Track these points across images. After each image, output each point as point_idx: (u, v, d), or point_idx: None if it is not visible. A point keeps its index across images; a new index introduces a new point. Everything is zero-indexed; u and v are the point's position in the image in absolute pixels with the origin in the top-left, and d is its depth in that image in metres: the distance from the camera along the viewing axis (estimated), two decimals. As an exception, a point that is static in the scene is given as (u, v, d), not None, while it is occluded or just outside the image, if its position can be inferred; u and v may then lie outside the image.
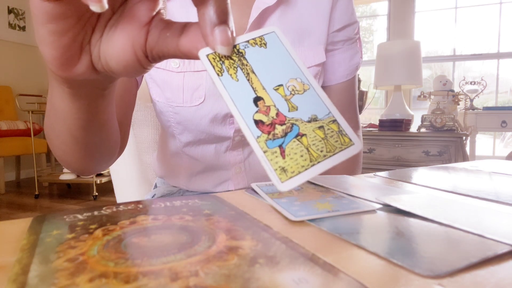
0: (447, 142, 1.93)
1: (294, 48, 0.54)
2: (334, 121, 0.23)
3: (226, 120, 0.53)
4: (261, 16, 0.52)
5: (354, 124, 0.64)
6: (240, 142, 0.56)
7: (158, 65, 0.50)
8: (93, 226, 0.24)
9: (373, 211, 0.28)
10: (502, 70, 3.35)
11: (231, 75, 0.23)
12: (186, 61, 0.50)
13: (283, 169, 0.21)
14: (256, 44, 0.24)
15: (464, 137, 1.91)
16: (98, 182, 2.73)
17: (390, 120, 2.10)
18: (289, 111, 0.23)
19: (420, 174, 0.44)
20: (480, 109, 2.56)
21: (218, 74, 0.23)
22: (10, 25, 3.65)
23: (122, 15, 0.24)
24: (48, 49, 0.23)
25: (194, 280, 0.16)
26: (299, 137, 0.22)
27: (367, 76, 3.84)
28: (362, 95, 2.30)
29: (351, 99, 0.63)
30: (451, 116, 2.01)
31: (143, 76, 0.54)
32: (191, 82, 0.50)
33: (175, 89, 0.51)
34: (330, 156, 0.22)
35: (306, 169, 0.21)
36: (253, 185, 0.35)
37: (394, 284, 0.16)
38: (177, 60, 0.50)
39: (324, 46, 0.56)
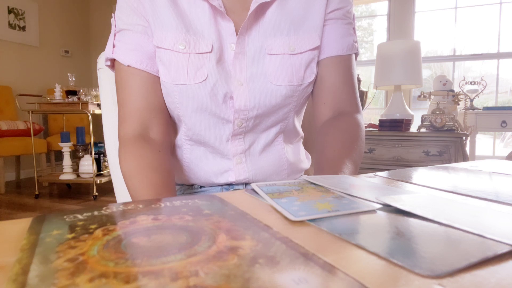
0: (447, 142, 1.93)
1: (289, 36, 0.57)
2: None
3: (226, 100, 0.56)
4: (261, 8, 0.56)
5: (354, 108, 0.62)
6: (242, 130, 0.58)
7: (166, 46, 0.54)
8: (93, 226, 0.24)
9: (373, 211, 0.28)
10: (502, 70, 3.35)
11: None
12: (192, 43, 0.54)
13: None
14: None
15: (464, 137, 1.91)
16: (98, 182, 2.73)
17: (390, 120, 2.10)
18: None
19: (420, 174, 0.44)
20: (480, 109, 2.56)
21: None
22: (10, 25, 3.65)
23: None
24: None
25: (194, 280, 0.16)
26: None
27: (367, 76, 3.83)
28: (362, 95, 2.30)
29: (346, 79, 0.61)
30: (451, 116, 2.01)
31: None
32: (195, 62, 0.54)
33: (180, 68, 0.54)
34: None
35: None
36: (253, 185, 0.35)
37: (394, 284, 0.16)
38: (184, 42, 0.54)
39: (319, 33, 0.59)
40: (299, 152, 0.68)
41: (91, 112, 2.75)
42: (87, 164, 2.82)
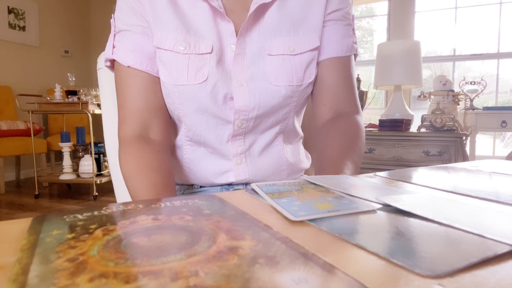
0: (447, 142, 1.93)
1: (289, 37, 0.57)
2: None
3: (227, 101, 0.56)
4: (260, 9, 0.56)
5: (353, 108, 0.62)
6: (242, 131, 0.58)
7: (166, 47, 0.54)
8: (93, 226, 0.24)
9: (373, 211, 0.28)
10: (502, 70, 3.35)
11: None
12: (192, 44, 0.54)
13: None
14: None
15: (464, 137, 1.91)
16: (98, 182, 2.73)
17: (390, 120, 2.10)
18: None
19: (420, 174, 0.44)
20: (480, 109, 2.56)
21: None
22: (10, 25, 3.65)
23: None
24: None
25: (194, 280, 0.16)
26: None
27: (367, 76, 3.83)
28: (362, 95, 2.30)
29: (345, 80, 0.61)
30: (451, 116, 2.01)
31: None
32: (195, 63, 0.54)
33: (180, 68, 0.54)
34: None
35: None
36: (253, 185, 0.35)
37: (394, 284, 0.16)
38: (184, 43, 0.54)
39: (318, 34, 0.59)
40: (298, 152, 0.68)
41: (91, 112, 2.75)
42: (87, 164, 2.82)
